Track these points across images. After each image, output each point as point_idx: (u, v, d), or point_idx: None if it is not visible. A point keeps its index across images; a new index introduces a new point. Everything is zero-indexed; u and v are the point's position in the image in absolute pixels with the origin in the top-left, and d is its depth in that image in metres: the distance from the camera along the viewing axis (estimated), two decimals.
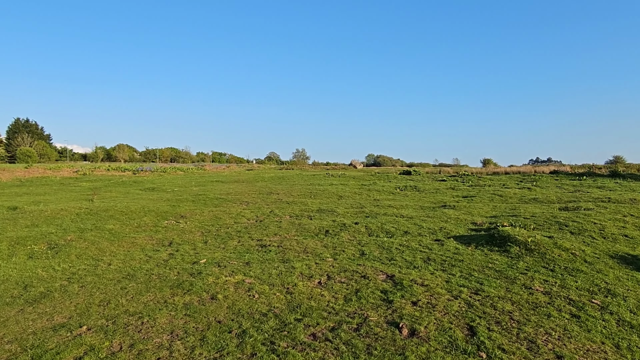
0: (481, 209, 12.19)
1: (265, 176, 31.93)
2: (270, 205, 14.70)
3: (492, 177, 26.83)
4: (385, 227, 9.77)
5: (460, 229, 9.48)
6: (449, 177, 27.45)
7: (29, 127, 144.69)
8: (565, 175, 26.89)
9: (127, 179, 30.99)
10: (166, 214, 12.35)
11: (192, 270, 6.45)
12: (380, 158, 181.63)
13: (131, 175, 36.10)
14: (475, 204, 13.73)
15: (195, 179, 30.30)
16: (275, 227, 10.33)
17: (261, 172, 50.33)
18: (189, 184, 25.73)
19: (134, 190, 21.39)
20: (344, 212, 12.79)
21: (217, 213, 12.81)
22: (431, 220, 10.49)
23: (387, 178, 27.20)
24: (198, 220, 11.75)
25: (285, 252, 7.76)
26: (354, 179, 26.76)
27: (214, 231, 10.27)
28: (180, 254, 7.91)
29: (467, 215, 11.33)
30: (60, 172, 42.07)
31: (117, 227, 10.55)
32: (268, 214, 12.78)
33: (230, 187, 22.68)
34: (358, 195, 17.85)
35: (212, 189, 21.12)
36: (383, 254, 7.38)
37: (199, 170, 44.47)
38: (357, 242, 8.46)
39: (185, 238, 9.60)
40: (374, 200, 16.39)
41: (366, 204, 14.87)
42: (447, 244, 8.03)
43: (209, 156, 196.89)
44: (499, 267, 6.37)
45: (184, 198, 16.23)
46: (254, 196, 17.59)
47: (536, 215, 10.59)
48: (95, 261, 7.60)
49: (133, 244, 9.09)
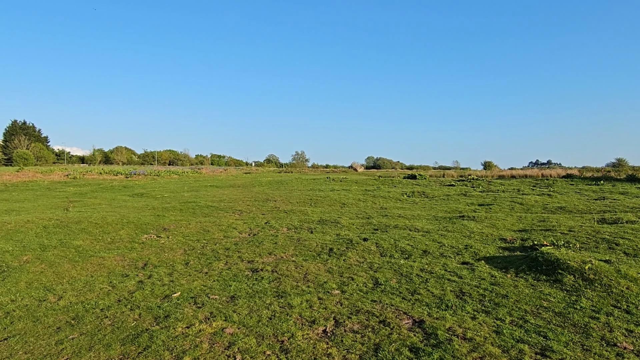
0: (505, 221, 10.73)
1: (262, 180, 30.43)
2: (266, 215, 13.22)
3: (502, 181, 25.38)
4: (400, 244, 8.30)
5: (488, 247, 8.01)
6: (457, 181, 26.01)
7: (27, 129, 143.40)
8: (580, 179, 25.44)
9: (117, 184, 29.49)
10: (147, 226, 10.87)
11: (158, 312, 4.96)
12: (380, 160, 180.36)
13: (123, 179, 34.60)
14: (496, 214, 12.27)
15: (188, 184, 28.82)
16: (270, 244, 8.86)
17: (259, 175, 48.81)
18: (181, 189, 24.24)
19: (121, 196, 19.91)
20: (348, 223, 11.32)
21: (206, 225, 11.34)
22: (452, 236, 9.02)
23: (391, 183, 25.74)
24: (183, 233, 10.27)
25: (281, 280, 6.28)
26: (357, 184, 25.29)
27: (199, 248, 8.80)
28: (152, 282, 6.43)
29: (492, 228, 9.86)
30: (50, 175, 40.59)
31: (86, 243, 9.08)
32: (263, 225, 11.31)
33: (225, 192, 21.21)
34: (362, 203, 16.38)
35: (205, 195, 19.64)
36: (403, 284, 5.91)
37: (195, 174, 42.94)
38: (367, 266, 6.99)
39: (164, 258, 8.12)
40: (380, 208, 14.92)
41: (373, 213, 13.40)
42: (479, 268, 6.56)
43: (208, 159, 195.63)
44: (557, 307, 4.90)
45: (171, 206, 14.75)
46: (249, 204, 16.11)
47: (574, 229, 9.13)
48: (45, 292, 6.13)
49: (100, 265, 7.62)
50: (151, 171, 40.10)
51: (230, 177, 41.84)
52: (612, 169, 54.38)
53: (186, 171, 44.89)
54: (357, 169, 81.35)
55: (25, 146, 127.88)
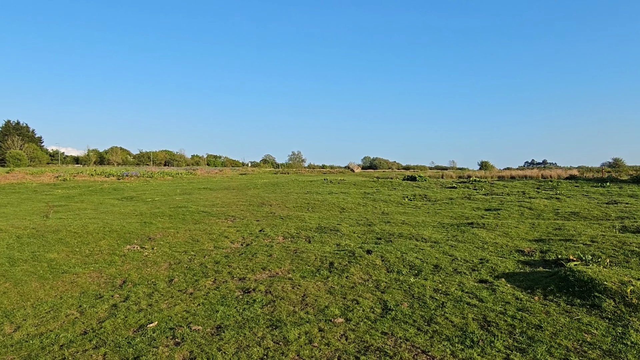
0: (518, 229, 9.97)
1: (258, 182, 29.56)
2: (260, 222, 12.40)
3: (504, 183, 24.67)
4: (408, 257, 7.51)
5: (506, 261, 7.24)
6: (458, 182, 25.28)
7: (20, 129, 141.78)
8: (584, 181, 24.79)
9: (108, 186, 28.54)
10: (131, 236, 10.03)
11: (127, 352, 4.13)
12: (377, 160, 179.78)
13: (115, 181, 33.63)
14: (506, 220, 11.51)
15: (181, 186, 27.92)
16: (264, 257, 8.04)
17: (254, 177, 47.92)
18: (173, 191, 23.35)
19: (109, 200, 19.02)
20: (349, 231, 10.53)
21: (196, 233, 10.51)
22: (463, 247, 8.25)
23: (391, 185, 24.97)
24: (169, 244, 9.44)
25: (276, 303, 5.47)
26: (355, 186, 24.50)
27: (186, 262, 7.97)
28: (127, 306, 5.61)
29: (505, 238, 9.10)
30: (40, 177, 39.58)
31: (61, 256, 8.23)
32: (257, 234, 10.50)
33: (218, 196, 20.35)
34: (362, 207, 15.59)
35: (197, 198, 18.78)
36: (416, 310, 5.12)
37: (189, 175, 41.99)
38: (373, 285, 6.19)
39: (146, 273, 7.29)
40: (382, 213, 14.13)
41: (374, 219, 12.61)
42: (500, 288, 5.78)
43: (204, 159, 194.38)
44: (603, 342, 4.12)
45: (160, 211, 13.89)
46: (243, 208, 15.28)
47: (596, 239, 8.38)
48: (1, 319, 5.29)
49: (72, 284, 6.78)
50: (144, 172, 39.16)
51: (225, 178, 40.93)
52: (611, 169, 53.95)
53: (180, 172, 43.94)
54: (354, 170, 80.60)
55: (18, 146, 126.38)
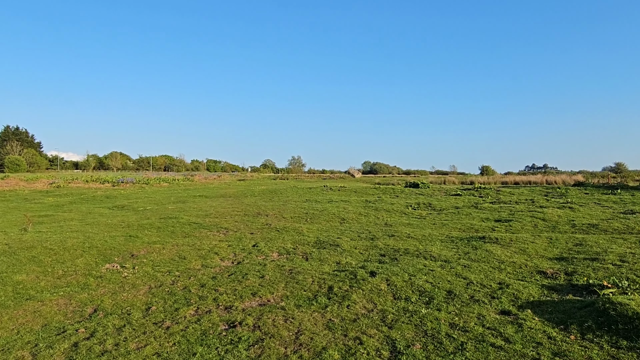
0: (535, 244, 9.12)
1: (255, 190, 28.70)
2: (255, 235, 11.57)
3: (511, 190, 23.83)
4: (417, 281, 6.67)
5: (529, 286, 6.39)
6: (462, 190, 24.43)
7: (19, 134, 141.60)
8: (594, 187, 23.93)
9: (101, 193, 27.73)
10: (112, 252, 9.20)
11: None
12: (377, 165, 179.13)
13: (109, 188, 32.82)
14: (520, 234, 10.67)
15: (176, 194, 27.09)
16: (256, 278, 7.21)
17: (253, 183, 47.09)
18: (167, 199, 22.52)
19: (98, 209, 18.19)
20: (350, 247, 9.70)
21: (184, 249, 9.68)
22: (478, 267, 7.40)
23: (393, 192, 24.14)
24: (153, 262, 8.60)
25: (265, 344, 4.63)
26: (356, 194, 23.66)
27: (168, 284, 7.14)
28: (89, 345, 4.76)
29: (523, 255, 8.25)
30: (34, 183, 38.83)
31: (30, 278, 7.40)
32: (250, 249, 9.66)
33: (213, 204, 19.52)
34: (364, 218, 14.74)
35: (191, 207, 17.95)
36: (430, 353, 4.28)
37: (186, 182, 41.13)
38: (379, 317, 5.35)
39: (121, 300, 6.45)
40: (385, 225, 13.30)
41: (377, 232, 11.77)
42: (527, 323, 4.94)
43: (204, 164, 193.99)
44: None
45: (149, 223, 13.06)
46: (238, 219, 14.45)
47: (626, 258, 7.53)
48: None
49: (35, 314, 5.94)
50: (140, 179, 38.32)
51: (222, 185, 40.08)
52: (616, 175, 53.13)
53: (177, 179, 43.08)
54: (355, 175, 79.81)
55: (17, 152, 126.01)
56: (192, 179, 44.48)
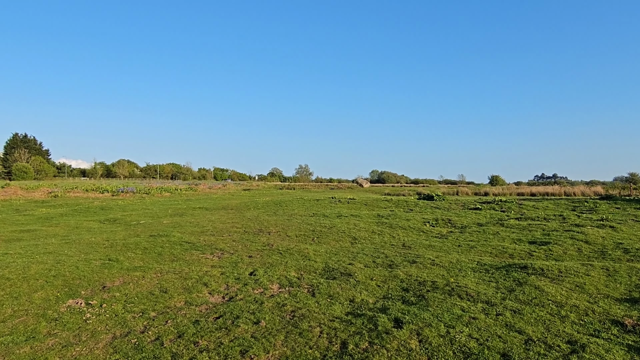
0: (592, 279, 7.46)
1: (259, 201, 27.20)
2: (253, 259, 10.04)
3: (534, 203, 22.05)
4: (457, 336, 5.08)
5: (612, 348, 4.76)
6: (482, 203, 22.70)
7: (28, 142, 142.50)
8: (624, 202, 22.06)
9: (98, 204, 26.43)
10: (81, 283, 7.72)
11: None
12: (385, 174, 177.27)
13: (107, 197, 31.55)
14: (566, 262, 9.02)
15: (175, 205, 25.68)
16: (249, 325, 5.67)
17: (258, 192, 45.63)
18: (164, 212, 21.10)
19: (87, 223, 16.80)
20: (365, 277, 8.12)
21: (167, 278, 8.17)
22: (532, 314, 5.78)
23: (406, 205, 22.47)
24: (127, 297, 7.10)
25: None
26: (367, 207, 22.03)
27: (138, 333, 5.62)
28: None
29: (582, 294, 6.61)
30: (33, 193, 37.77)
31: None
32: (246, 279, 8.12)
33: (212, 218, 18.04)
34: (378, 237, 13.15)
35: (187, 222, 16.49)
36: None
37: (189, 191, 39.77)
38: None
39: (70, 358, 4.95)
40: (402, 246, 11.70)
41: (394, 255, 10.19)
42: None
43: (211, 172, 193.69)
44: None
45: (135, 242, 11.60)
46: (236, 237, 12.93)
47: None
48: None
49: None
50: (141, 188, 37.06)
51: (226, 195, 38.65)
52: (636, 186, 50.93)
53: (180, 188, 41.74)
54: (363, 185, 78.12)
55: (25, 159, 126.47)
56: (196, 189, 43.13)
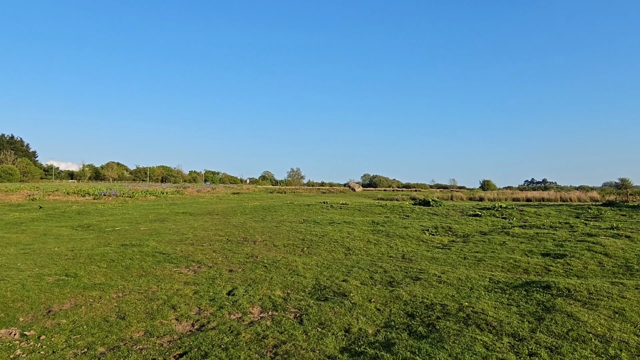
0: (631, 302, 6.36)
1: (248, 206, 25.85)
2: (234, 273, 8.80)
3: (535, 209, 21.07)
4: None
5: None
6: (479, 209, 21.68)
7: (14, 143, 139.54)
8: (629, 208, 21.20)
9: (76, 208, 24.93)
10: (23, 306, 6.43)
11: None
12: (377, 178, 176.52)
13: (88, 201, 29.99)
14: (591, 279, 7.95)
15: (158, 210, 24.28)
16: None
17: (246, 197, 44.25)
18: (144, 217, 19.71)
19: (58, 229, 15.39)
20: (362, 297, 6.95)
21: (129, 299, 6.91)
22: (573, 354, 4.64)
23: (401, 211, 21.35)
24: (74, 325, 5.83)
25: None
26: (360, 212, 20.86)
27: None
28: None
29: (628, 326, 5.48)
30: (11, 195, 36.07)
31: None
32: (222, 301, 6.89)
33: (195, 224, 16.73)
34: (374, 247, 11.98)
35: (167, 229, 15.18)
36: None
37: (175, 195, 38.28)
38: None
39: None
40: (402, 259, 10.54)
41: (395, 270, 9.02)
42: None
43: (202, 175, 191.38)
44: None
45: (102, 253, 10.29)
46: (218, 247, 11.67)
47: None
48: None
49: None
50: (125, 191, 35.49)
51: (214, 199, 37.22)
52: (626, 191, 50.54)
53: (166, 191, 40.17)
54: (355, 189, 77.02)
55: (11, 161, 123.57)
56: (183, 192, 41.60)
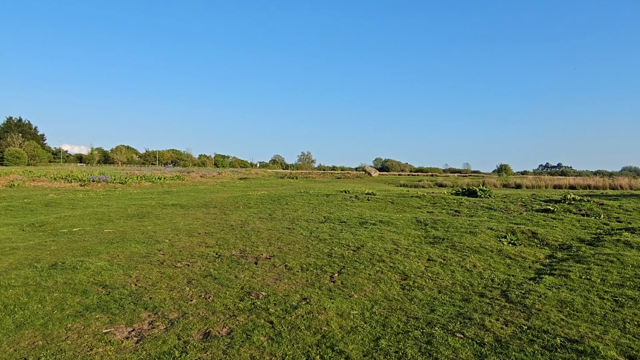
0: None
1: (253, 196, 21.68)
2: (211, 343, 4.62)
3: (615, 202, 16.55)
4: None
5: None
6: (546, 202, 17.19)
7: (22, 126, 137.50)
8: None
9: (52, 196, 21.10)
10: None
11: None
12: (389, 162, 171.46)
13: (73, 187, 26.24)
14: None
15: (143, 201, 20.22)
16: None
17: (255, 182, 40.16)
18: (121, 212, 15.67)
19: (3, 229, 11.46)
20: None
21: None
22: None
23: (445, 204, 16.94)
24: None
25: None
26: (394, 206, 16.50)
27: None
28: None
29: None
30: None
31: None
32: None
33: (180, 224, 12.63)
34: (443, 271, 7.69)
35: (139, 232, 11.11)
36: None
37: (175, 181, 34.41)
38: None
39: None
40: (506, 300, 6.25)
41: (511, 339, 4.79)
42: None
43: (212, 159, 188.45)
44: None
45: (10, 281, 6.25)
46: (198, 270, 7.53)
47: None
48: None
49: None
50: (116, 177, 31.65)
51: (216, 185, 33.21)
52: None
53: (165, 176, 36.25)
54: (372, 174, 72.35)
55: (18, 144, 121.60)
56: (184, 178, 37.68)
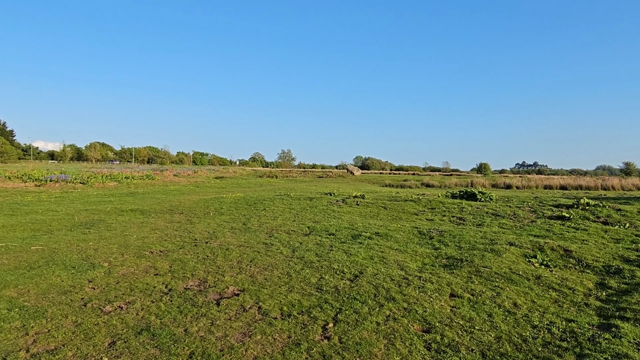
0: None
1: (227, 198, 19.30)
2: None
3: (627, 207, 15.03)
4: None
5: None
6: (557, 207, 15.52)
7: None
8: None
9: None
10: None
11: None
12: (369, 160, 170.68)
13: (26, 188, 23.28)
14: None
15: (99, 205, 17.60)
16: None
17: (232, 182, 37.65)
18: (67, 220, 13.13)
19: None
20: None
21: None
22: None
23: (445, 209, 15.06)
24: None
25: None
26: (388, 213, 14.50)
27: None
28: None
29: None
30: None
31: None
32: None
33: (133, 237, 10.28)
34: (478, 316, 5.69)
35: (75, 250, 8.76)
36: None
37: (144, 180, 31.60)
38: None
39: None
40: None
41: None
42: None
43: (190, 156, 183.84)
44: None
45: None
46: (132, 320, 5.31)
47: None
48: None
49: None
50: (77, 176, 28.59)
51: (189, 186, 30.56)
52: None
53: (133, 176, 33.30)
54: (354, 172, 70.53)
55: None
56: (155, 177, 34.84)
